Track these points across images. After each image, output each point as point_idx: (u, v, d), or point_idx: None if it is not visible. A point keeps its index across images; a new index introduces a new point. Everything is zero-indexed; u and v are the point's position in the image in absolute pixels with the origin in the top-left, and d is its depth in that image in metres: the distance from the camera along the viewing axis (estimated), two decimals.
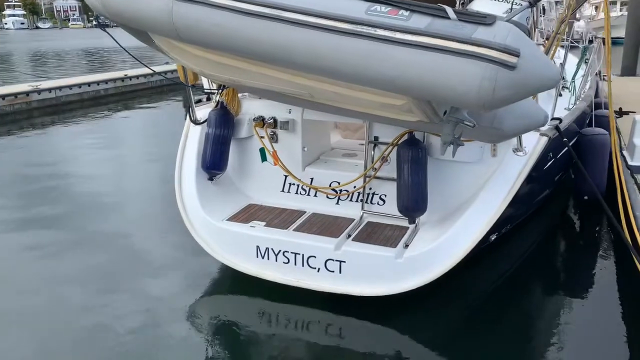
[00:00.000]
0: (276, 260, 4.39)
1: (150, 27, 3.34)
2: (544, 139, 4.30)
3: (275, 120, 4.94)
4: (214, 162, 4.92)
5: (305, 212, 4.84)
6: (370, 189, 4.76)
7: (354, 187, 4.77)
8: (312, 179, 4.97)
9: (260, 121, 4.96)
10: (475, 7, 3.22)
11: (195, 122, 5.13)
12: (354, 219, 4.66)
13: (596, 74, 8.00)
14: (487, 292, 4.65)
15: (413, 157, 4.21)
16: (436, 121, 3.43)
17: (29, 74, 20.87)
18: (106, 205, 6.67)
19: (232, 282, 4.71)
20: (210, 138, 4.90)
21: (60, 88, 14.31)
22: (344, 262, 4.18)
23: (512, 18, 2.95)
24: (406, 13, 2.70)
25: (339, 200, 4.87)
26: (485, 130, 3.58)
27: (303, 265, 4.31)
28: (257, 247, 4.44)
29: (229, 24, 2.96)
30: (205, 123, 4.99)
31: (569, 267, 5.12)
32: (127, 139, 10.99)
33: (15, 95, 13.21)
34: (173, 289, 4.64)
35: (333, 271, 4.22)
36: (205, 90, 5.71)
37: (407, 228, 4.44)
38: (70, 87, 14.58)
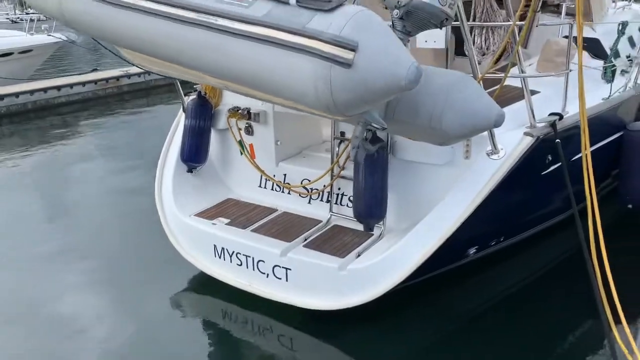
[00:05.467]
0: (231, 261, 4.16)
1: (52, 17, 3.31)
2: (528, 140, 3.58)
3: (249, 112, 4.67)
4: (191, 154, 4.78)
5: (276, 210, 4.55)
6: (339, 189, 4.32)
7: (324, 185, 4.37)
8: (284, 175, 4.64)
9: (235, 112, 4.71)
10: None
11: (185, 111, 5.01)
12: (321, 221, 4.28)
13: None
14: (469, 315, 4.03)
15: (369, 157, 3.73)
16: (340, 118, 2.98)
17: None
18: None
19: (200, 278, 4.55)
20: (187, 129, 4.75)
21: (149, 72, 15.00)
22: (290, 269, 3.85)
23: None
24: None
25: (311, 200, 4.50)
26: (423, 130, 3.04)
27: (254, 269, 4.04)
28: (214, 245, 4.24)
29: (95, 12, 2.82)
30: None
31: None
32: None
33: (107, 80, 14.11)
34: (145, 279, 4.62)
35: (280, 278, 3.91)
36: None
37: (372, 235, 3.98)
38: None
